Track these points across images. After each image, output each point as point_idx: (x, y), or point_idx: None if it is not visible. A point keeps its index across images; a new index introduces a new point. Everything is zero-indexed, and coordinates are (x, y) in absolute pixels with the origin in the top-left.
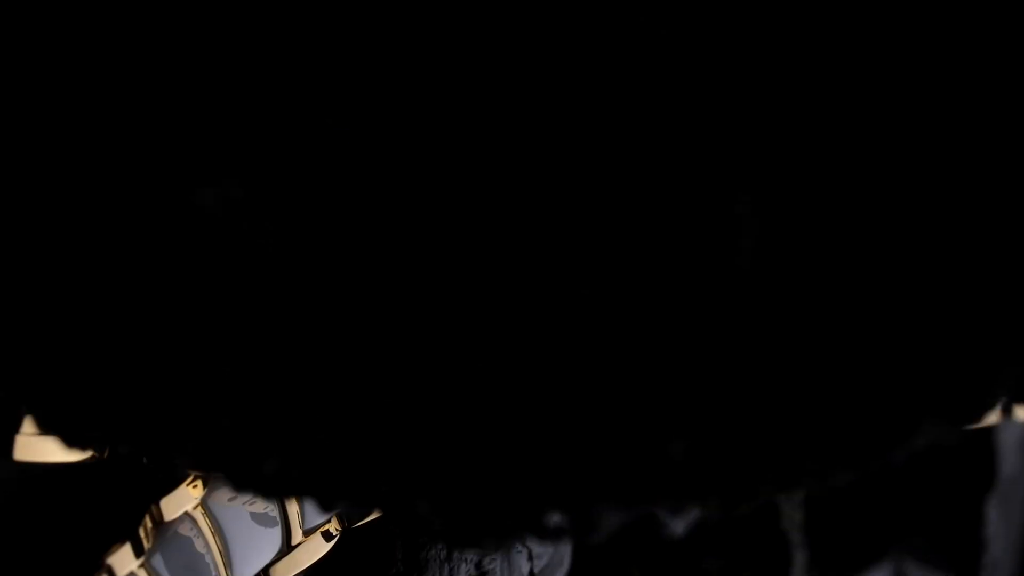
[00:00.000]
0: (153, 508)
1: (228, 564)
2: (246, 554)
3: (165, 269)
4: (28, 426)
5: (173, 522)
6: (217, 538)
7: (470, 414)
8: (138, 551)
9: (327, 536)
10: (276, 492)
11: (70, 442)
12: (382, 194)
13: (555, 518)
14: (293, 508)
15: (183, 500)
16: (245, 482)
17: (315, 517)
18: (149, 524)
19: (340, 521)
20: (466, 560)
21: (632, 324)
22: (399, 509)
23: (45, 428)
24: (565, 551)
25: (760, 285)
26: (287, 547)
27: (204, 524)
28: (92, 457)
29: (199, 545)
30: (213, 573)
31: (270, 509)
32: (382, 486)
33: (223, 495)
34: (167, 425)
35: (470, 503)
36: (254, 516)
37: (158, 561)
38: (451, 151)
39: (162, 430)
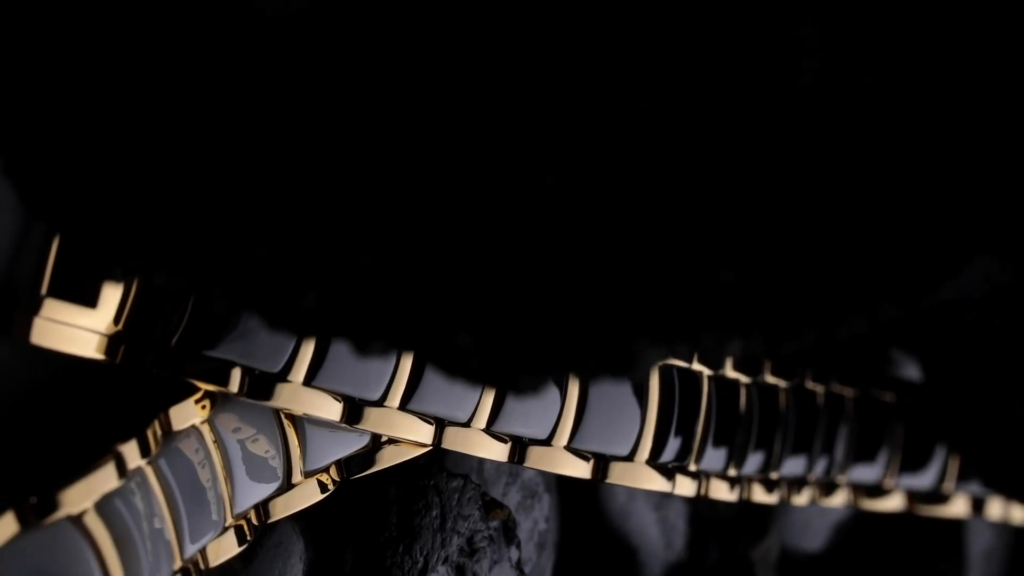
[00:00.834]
0: (161, 416)
1: (231, 486)
2: (247, 482)
3: (217, 78)
4: (48, 309)
5: (180, 435)
6: (223, 461)
7: (515, 241)
8: (144, 451)
9: (322, 487)
10: (312, 330)
11: (106, 272)
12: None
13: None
14: (295, 447)
15: (190, 413)
16: (281, 319)
17: (316, 460)
18: (158, 430)
19: (339, 471)
20: (459, 533)
21: (688, 144)
22: (438, 343)
23: (83, 258)
24: (547, 563)
25: (820, 107)
26: (287, 484)
27: (212, 446)
28: (105, 360)
29: (204, 468)
30: (212, 494)
31: (271, 456)
32: (423, 317)
33: (228, 423)
34: (205, 253)
35: (513, 336)
36: (256, 452)
37: (163, 465)
38: None
39: (200, 258)
